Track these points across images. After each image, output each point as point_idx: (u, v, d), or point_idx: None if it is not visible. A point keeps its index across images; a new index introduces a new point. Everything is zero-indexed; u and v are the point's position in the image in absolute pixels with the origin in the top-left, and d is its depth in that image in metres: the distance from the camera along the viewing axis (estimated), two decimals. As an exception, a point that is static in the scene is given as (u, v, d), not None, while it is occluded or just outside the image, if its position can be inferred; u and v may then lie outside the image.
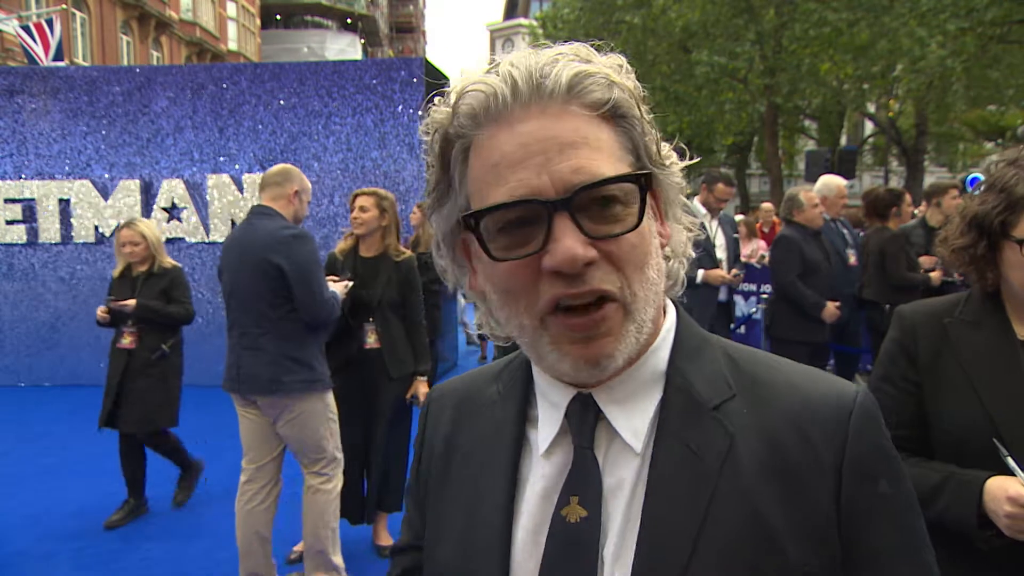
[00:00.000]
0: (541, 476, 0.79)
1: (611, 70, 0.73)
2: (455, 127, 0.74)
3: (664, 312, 0.81)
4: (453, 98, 0.74)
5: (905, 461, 1.54)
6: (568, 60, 0.72)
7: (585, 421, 0.77)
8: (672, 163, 0.78)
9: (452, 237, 0.80)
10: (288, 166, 3.52)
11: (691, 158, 0.81)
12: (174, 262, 4.60)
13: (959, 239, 1.55)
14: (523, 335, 0.75)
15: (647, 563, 0.71)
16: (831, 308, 5.09)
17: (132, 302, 4.31)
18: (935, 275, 5.34)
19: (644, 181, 0.72)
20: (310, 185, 3.57)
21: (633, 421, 0.77)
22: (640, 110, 0.74)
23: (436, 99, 0.77)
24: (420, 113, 0.82)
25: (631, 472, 0.76)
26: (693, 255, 0.82)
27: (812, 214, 5.22)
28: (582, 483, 0.76)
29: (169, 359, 4.46)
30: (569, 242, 0.67)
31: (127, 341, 4.37)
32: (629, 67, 0.76)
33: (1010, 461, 1.37)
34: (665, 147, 0.79)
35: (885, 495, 0.75)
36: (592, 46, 0.76)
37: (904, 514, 0.77)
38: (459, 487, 0.85)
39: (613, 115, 0.72)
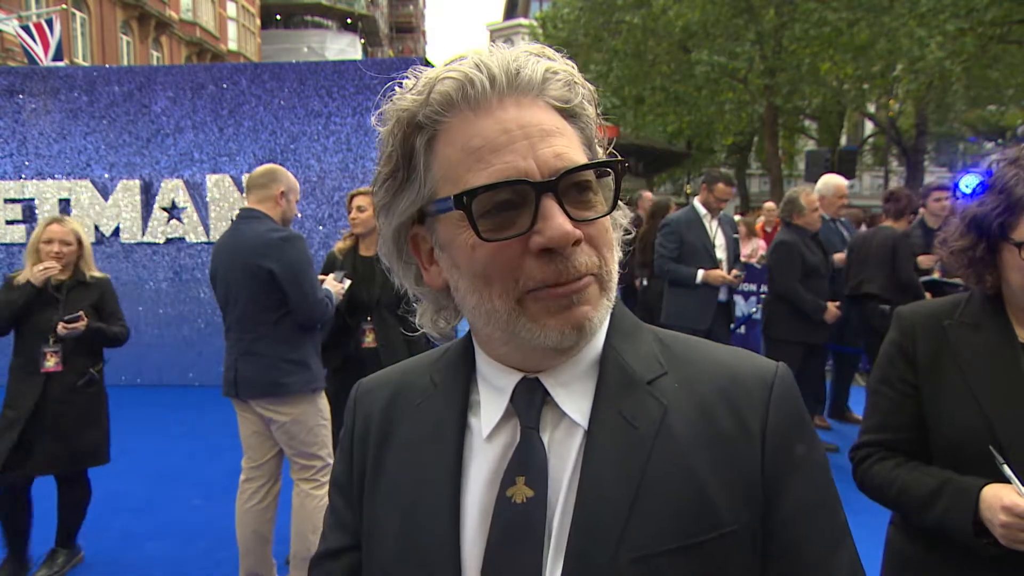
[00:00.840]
0: (484, 460, 0.80)
1: (573, 70, 0.77)
2: (425, 114, 0.74)
3: None
4: (422, 86, 0.74)
5: (902, 466, 1.53)
6: (536, 57, 0.75)
7: (532, 404, 0.79)
8: None
9: (402, 232, 0.80)
10: (274, 166, 3.44)
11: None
12: (102, 272, 3.87)
13: (958, 241, 1.52)
14: (492, 320, 0.75)
15: (585, 531, 0.73)
16: (832, 309, 5.09)
17: (83, 321, 3.57)
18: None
19: (620, 168, 0.76)
20: (298, 184, 3.50)
21: (579, 402, 0.79)
22: (594, 110, 0.79)
23: (395, 89, 0.77)
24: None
25: (576, 450, 0.77)
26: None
27: (812, 218, 5.20)
28: (528, 463, 0.77)
29: (98, 384, 3.74)
30: (561, 219, 0.70)
31: (51, 363, 3.58)
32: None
33: (1006, 469, 1.35)
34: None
35: (801, 457, 0.79)
36: (559, 49, 0.78)
37: (817, 474, 0.81)
38: (396, 480, 0.84)
39: (573, 112, 0.76)
